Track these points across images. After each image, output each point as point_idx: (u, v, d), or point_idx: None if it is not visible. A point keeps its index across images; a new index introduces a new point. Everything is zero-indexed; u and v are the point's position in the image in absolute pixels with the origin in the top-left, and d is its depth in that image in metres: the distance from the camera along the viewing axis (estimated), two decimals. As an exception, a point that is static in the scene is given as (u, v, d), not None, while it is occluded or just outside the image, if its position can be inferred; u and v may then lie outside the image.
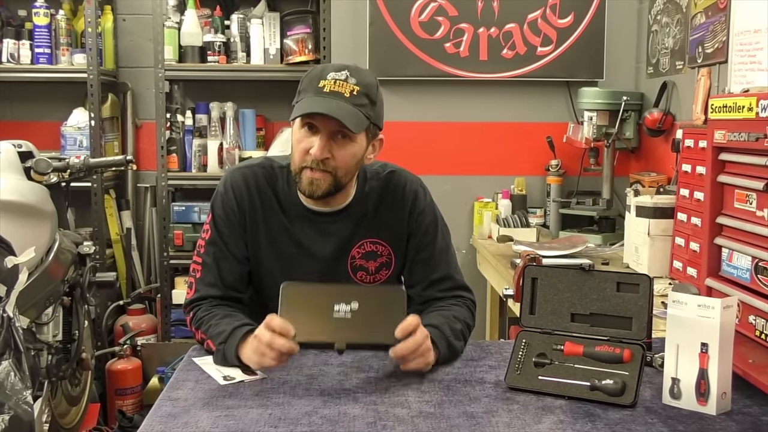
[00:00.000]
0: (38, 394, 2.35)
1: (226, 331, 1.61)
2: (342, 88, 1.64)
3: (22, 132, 3.38)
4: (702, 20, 2.89)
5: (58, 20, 3.61)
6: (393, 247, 1.82)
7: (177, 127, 3.66)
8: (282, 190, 1.79)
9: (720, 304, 1.32)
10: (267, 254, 1.80)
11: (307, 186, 1.68)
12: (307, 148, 1.66)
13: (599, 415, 1.34)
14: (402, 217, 1.82)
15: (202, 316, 1.71)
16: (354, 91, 1.64)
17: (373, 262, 1.81)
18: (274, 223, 1.79)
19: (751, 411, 1.36)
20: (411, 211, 1.82)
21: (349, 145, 1.68)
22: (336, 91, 1.63)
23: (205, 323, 1.69)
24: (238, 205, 1.78)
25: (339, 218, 1.79)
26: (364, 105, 1.66)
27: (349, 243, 1.80)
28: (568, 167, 3.66)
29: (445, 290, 1.80)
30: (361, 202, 1.81)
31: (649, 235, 2.53)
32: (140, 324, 3.66)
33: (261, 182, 1.79)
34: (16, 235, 2.12)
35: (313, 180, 1.67)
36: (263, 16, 3.63)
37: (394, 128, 3.63)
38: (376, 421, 1.31)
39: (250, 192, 1.78)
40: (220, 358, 1.60)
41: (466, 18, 3.61)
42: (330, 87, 1.63)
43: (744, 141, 1.67)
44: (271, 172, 1.81)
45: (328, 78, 1.64)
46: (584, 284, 1.52)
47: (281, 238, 1.79)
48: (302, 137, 1.68)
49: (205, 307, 1.74)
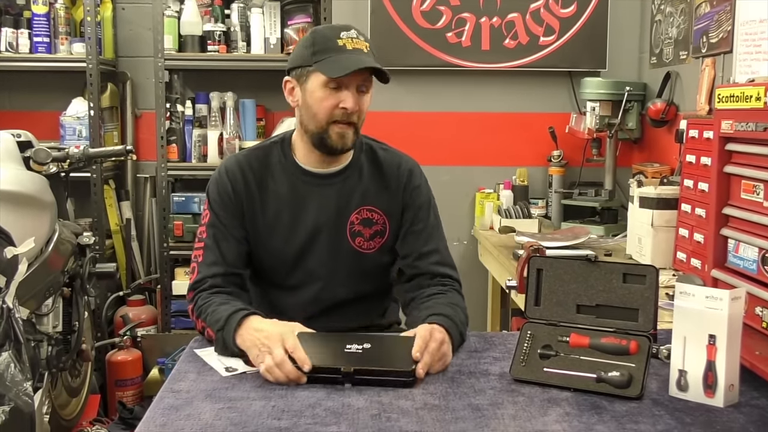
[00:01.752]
0: (38, 385, 2.34)
1: (222, 318, 1.62)
2: (359, 45, 1.74)
3: (21, 122, 3.36)
4: (706, 10, 2.87)
5: (56, 9, 3.58)
6: (387, 218, 1.88)
7: (177, 117, 3.64)
8: (277, 163, 1.86)
9: (728, 295, 1.31)
10: (267, 232, 1.84)
11: (338, 139, 1.77)
12: (335, 104, 1.74)
13: (605, 407, 1.32)
14: (397, 191, 1.89)
15: (201, 305, 1.73)
16: (367, 47, 1.76)
17: (368, 229, 1.87)
18: (273, 197, 1.84)
19: (759, 403, 1.35)
20: (406, 186, 1.89)
21: (366, 97, 1.79)
22: (357, 48, 1.73)
23: (204, 311, 1.71)
24: (233, 188, 1.83)
25: (336, 180, 1.86)
26: (377, 58, 1.78)
27: (348, 208, 1.86)
28: (571, 158, 3.64)
29: (434, 264, 1.86)
30: (356, 168, 1.88)
31: (652, 226, 2.51)
32: (140, 315, 3.64)
33: (254, 164, 1.86)
34: (15, 226, 2.10)
35: (343, 133, 1.76)
36: (263, 6, 3.60)
37: (395, 118, 3.65)
38: (381, 413, 1.30)
39: (244, 174, 1.84)
40: (221, 346, 1.61)
41: (468, 7, 3.59)
42: (351, 44, 1.73)
43: (751, 131, 1.65)
44: (266, 149, 1.89)
45: (343, 37, 1.73)
46: (590, 275, 1.50)
47: (282, 207, 1.84)
48: (327, 94, 1.74)
49: (204, 294, 1.76)
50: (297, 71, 1.80)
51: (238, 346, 1.56)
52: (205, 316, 1.69)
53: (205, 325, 1.68)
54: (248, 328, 1.57)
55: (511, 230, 3.25)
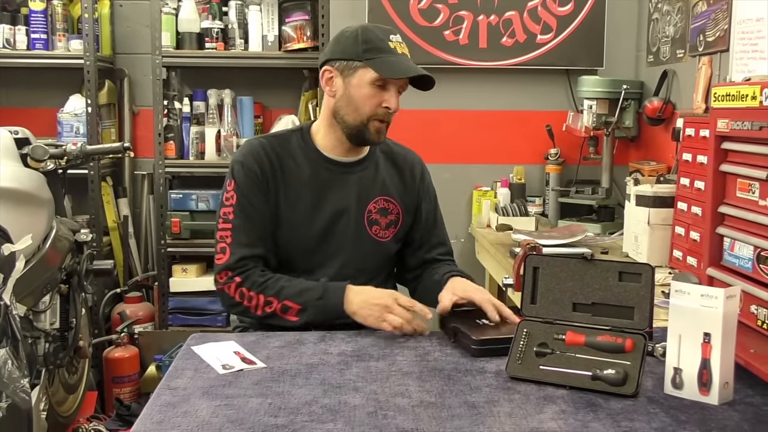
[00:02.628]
0: (35, 382, 2.34)
1: (316, 289, 1.80)
2: (406, 51, 1.87)
3: (18, 118, 3.35)
4: (703, 8, 2.87)
5: (54, 6, 3.58)
6: (402, 209, 2.00)
7: (174, 114, 3.64)
8: (298, 148, 1.94)
9: (723, 293, 1.31)
10: (289, 213, 1.90)
11: (376, 134, 1.88)
12: (379, 102, 1.84)
13: (601, 404, 1.33)
14: (412, 185, 2.03)
15: (264, 281, 1.83)
16: (409, 53, 1.87)
17: (384, 218, 1.98)
18: (294, 179, 1.91)
19: (753, 401, 1.35)
20: (422, 180, 2.05)
21: (399, 98, 1.89)
22: (405, 54, 1.86)
23: (272, 287, 1.81)
24: (260, 167, 1.89)
25: (357, 169, 1.96)
26: None
27: (366, 197, 1.96)
28: (568, 156, 3.64)
29: (442, 254, 2.07)
30: (374, 159, 2.00)
31: (648, 224, 2.52)
32: (137, 312, 3.65)
33: (276, 148, 1.93)
34: (13, 223, 2.10)
35: (380, 129, 1.88)
36: (261, 3, 3.60)
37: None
38: (377, 410, 1.30)
39: (268, 156, 1.90)
40: (319, 313, 1.78)
41: (466, 5, 3.59)
42: (400, 49, 1.85)
43: (747, 130, 1.65)
44: (285, 136, 1.97)
45: (392, 40, 1.85)
46: (586, 273, 1.51)
47: (304, 189, 1.91)
48: (374, 92, 1.84)
49: (257, 272, 1.84)
50: (341, 63, 1.86)
51: (346, 311, 1.76)
52: (276, 290, 1.81)
53: (275, 299, 1.80)
54: (354, 295, 1.78)
55: (508, 228, 3.26)
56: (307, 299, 1.79)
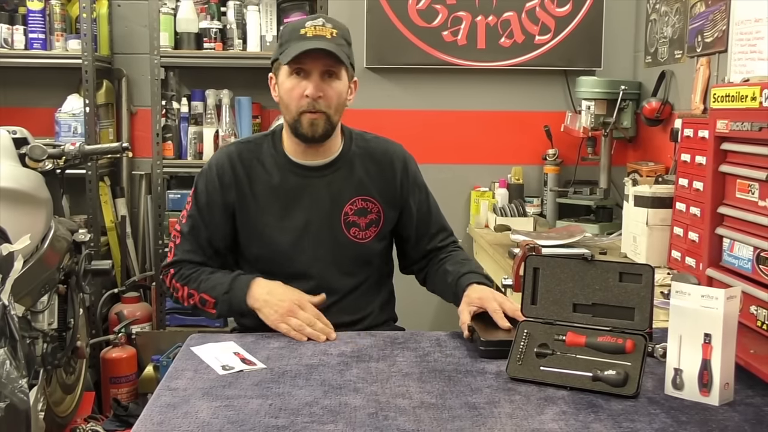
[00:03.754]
0: (33, 382, 2.34)
1: (226, 282, 1.80)
2: (323, 32, 1.79)
3: (16, 118, 3.35)
4: (701, 9, 2.88)
5: (52, 5, 3.56)
6: (382, 206, 1.94)
7: (172, 114, 3.63)
8: (268, 154, 1.91)
9: (723, 294, 1.31)
10: (260, 223, 1.88)
11: (308, 128, 1.81)
12: (301, 93, 1.79)
13: (602, 405, 1.33)
14: (393, 179, 1.96)
15: (189, 273, 1.87)
16: (333, 34, 1.80)
17: (364, 219, 1.92)
18: (263, 188, 1.89)
19: (753, 401, 1.35)
20: (405, 174, 1.97)
21: (336, 83, 1.82)
22: (318, 35, 1.78)
23: (195, 279, 1.85)
24: (221, 182, 1.88)
25: (327, 172, 1.91)
26: (343, 45, 1.82)
27: (341, 199, 1.91)
28: (566, 156, 3.65)
29: (443, 240, 2.04)
30: (347, 159, 1.93)
31: (647, 225, 2.52)
32: (135, 312, 3.64)
33: (244, 155, 1.91)
34: (11, 223, 2.10)
35: (312, 121, 1.80)
36: (260, 3, 3.59)
37: (391, 116, 3.65)
38: (378, 411, 1.30)
39: (233, 165, 1.89)
40: (225, 307, 1.78)
41: (464, 6, 3.59)
42: (312, 32, 1.78)
43: (747, 131, 1.66)
44: (256, 142, 1.94)
45: (307, 26, 1.79)
46: (586, 274, 1.51)
47: (273, 200, 1.88)
48: (293, 84, 1.81)
49: (189, 265, 1.88)
50: (273, 66, 1.88)
51: (249, 306, 1.76)
52: (197, 283, 1.84)
53: (196, 291, 1.83)
54: (260, 289, 1.77)
55: (506, 228, 3.26)
56: (218, 293, 1.81)
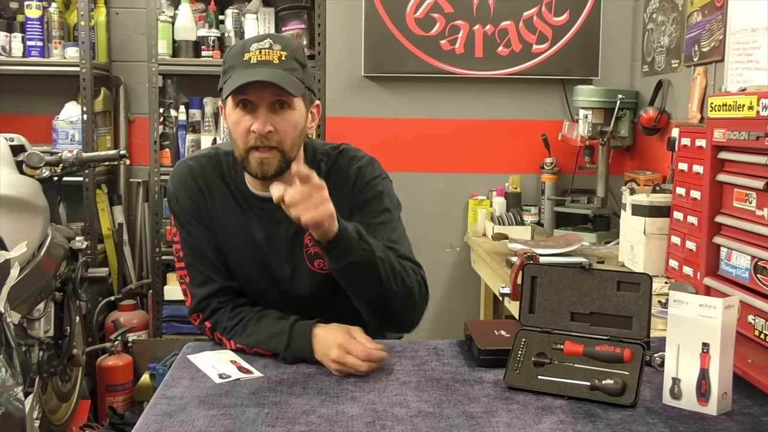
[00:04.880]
0: (29, 390, 2.33)
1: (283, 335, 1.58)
2: (269, 56, 1.57)
3: (14, 125, 3.35)
4: (698, 18, 2.88)
5: (50, 13, 3.57)
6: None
7: (170, 122, 3.64)
8: (229, 178, 1.73)
9: (721, 303, 1.31)
10: (227, 245, 1.73)
11: (258, 168, 1.60)
12: (248, 127, 1.58)
13: (599, 415, 1.33)
14: (347, 194, 1.72)
15: (233, 326, 1.65)
16: (282, 57, 1.58)
17: None
18: (226, 214, 1.72)
19: (751, 411, 1.35)
20: (354, 186, 1.73)
21: (289, 113, 1.60)
22: (264, 60, 1.57)
23: (240, 332, 1.64)
24: (191, 199, 1.72)
25: None
26: (296, 69, 1.60)
27: (300, 231, 1.67)
28: (563, 165, 3.65)
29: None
30: None
31: (644, 234, 2.52)
32: (131, 320, 3.64)
33: (207, 172, 1.73)
34: (8, 230, 2.10)
35: (262, 160, 1.59)
36: (258, 11, 3.60)
37: (388, 125, 3.65)
38: (375, 420, 1.30)
39: (197, 183, 1.73)
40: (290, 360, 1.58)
41: (462, 15, 3.60)
42: (257, 58, 1.57)
43: (744, 140, 1.66)
44: (217, 160, 1.75)
45: (251, 50, 1.58)
46: (584, 283, 1.51)
47: (234, 229, 1.72)
48: (239, 118, 1.59)
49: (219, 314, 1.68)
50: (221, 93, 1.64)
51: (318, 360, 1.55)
52: (246, 337, 1.62)
53: (246, 346, 1.62)
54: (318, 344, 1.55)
55: (503, 237, 3.26)
56: (275, 346, 1.59)
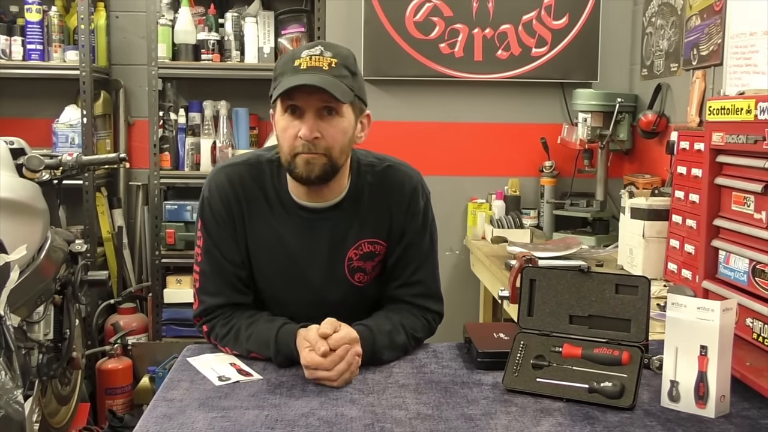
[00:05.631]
0: (29, 393, 2.33)
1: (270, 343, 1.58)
2: (319, 63, 1.56)
3: (13, 128, 3.35)
4: (697, 22, 2.89)
5: (50, 16, 3.58)
6: (389, 244, 1.75)
7: (170, 125, 3.64)
8: (270, 186, 1.71)
9: (719, 306, 1.31)
10: (257, 256, 1.72)
11: (304, 167, 1.58)
12: (295, 133, 1.57)
13: (598, 417, 1.33)
14: (399, 215, 1.73)
15: (225, 333, 1.66)
16: (332, 64, 1.57)
17: (370, 262, 1.74)
18: (263, 224, 1.70)
19: (749, 414, 1.35)
20: (408, 209, 1.74)
21: (338, 120, 1.59)
22: (313, 66, 1.56)
23: (233, 340, 1.64)
24: (225, 207, 1.70)
25: (331, 215, 1.70)
26: (345, 76, 1.58)
27: (344, 243, 1.71)
28: (562, 168, 3.66)
29: (416, 296, 1.75)
30: (354, 198, 1.72)
31: (643, 237, 2.53)
32: (131, 323, 3.63)
33: (246, 181, 1.71)
34: (7, 233, 2.10)
35: (308, 159, 1.58)
36: (257, 15, 3.61)
37: (387, 128, 3.66)
38: (374, 422, 1.30)
39: (235, 191, 1.70)
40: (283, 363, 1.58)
41: (461, 18, 3.61)
42: (306, 64, 1.56)
43: (742, 143, 1.66)
44: (258, 168, 1.72)
45: (302, 56, 1.57)
46: (583, 286, 1.51)
47: (271, 240, 1.71)
48: (287, 124, 1.59)
49: (221, 318, 1.68)
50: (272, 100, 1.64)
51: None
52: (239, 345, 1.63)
53: (239, 354, 1.64)
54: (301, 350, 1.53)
55: (503, 240, 3.27)
56: (266, 353, 1.60)
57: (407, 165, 1.80)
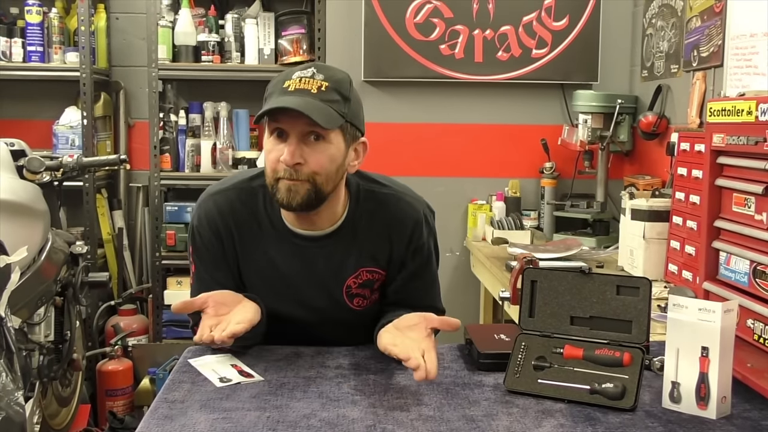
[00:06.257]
0: (29, 394, 2.33)
1: None
2: (308, 85, 1.50)
3: (14, 130, 3.36)
4: (697, 24, 2.89)
5: (50, 18, 3.59)
6: (388, 272, 1.73)
7: (170, 126, 3.65)
8: (263, 212, 1.67)
9: (720, 308, 1.31)
10: (251, 280, 1.71)
11: (285, 194, 1.54)
12: (278, 157, 1.52)
13: (599, 418, 1.33)
14: (400, 246, 1.70)
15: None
16: (322, 87, 1.51)
17: (368, 289, 1.72)
18: (255, 249, 1.68)
19: (750, 415, 1.35)
20: (410, 243, 1.70)
21: (324, 146, 1.53)
22: (302, 89, 1.50)
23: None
24: (215, 235, 1.68)
25: (326, 243, 1.67)
26: (336, 101, 1.52)
27: (342, 271, 1.68)
28: (563, 170, 3.66)
29: None
30: (351, 226, 1.67)
31: (644, 238, 2.53)
32: (131, 324, 3.64)
33: (236, 206, 1.67)
34: (8, 235, 2.10)
35: (290, 186, 1.53)
36: (258, 16, 3.61)
37: (388, 129, 3.66)
38: (376, 424, 1.30)
39: (224, 219, 1.67)
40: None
41: (462, 20, 3.61)
42: (295, 85, 1.51)
43: (743, 144, 1.67)
44: (250, 192, 1.68)
45: (293, 77, 1.52)
46: (584, 287, 1.51)
47: (263, 265, 1.69)
48: (272, 147, 1.54)
49: None
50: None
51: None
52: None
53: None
54: None
55: (503, 241, 3.27)
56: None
57: (411, 194, 1.76)
